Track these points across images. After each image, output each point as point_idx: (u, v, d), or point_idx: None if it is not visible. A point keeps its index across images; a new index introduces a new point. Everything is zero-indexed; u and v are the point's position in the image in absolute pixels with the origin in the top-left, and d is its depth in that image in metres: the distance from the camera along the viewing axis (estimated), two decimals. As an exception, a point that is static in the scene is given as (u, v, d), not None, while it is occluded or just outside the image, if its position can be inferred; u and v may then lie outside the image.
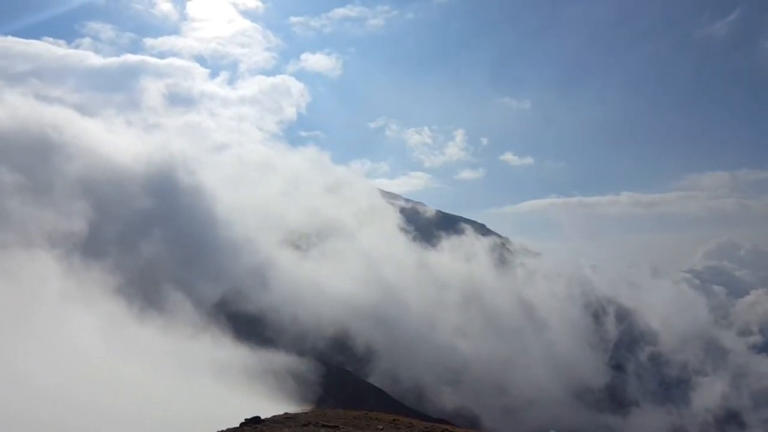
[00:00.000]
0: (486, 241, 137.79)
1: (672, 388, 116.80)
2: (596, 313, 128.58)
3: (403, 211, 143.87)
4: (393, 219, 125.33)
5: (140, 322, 44.65)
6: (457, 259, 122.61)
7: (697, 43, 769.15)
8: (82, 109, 76.14)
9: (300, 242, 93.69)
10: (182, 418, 30.78)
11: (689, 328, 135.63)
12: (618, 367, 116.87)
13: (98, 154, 67.80)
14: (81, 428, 24.99)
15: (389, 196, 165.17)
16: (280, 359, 63.43)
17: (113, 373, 31.75)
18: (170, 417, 30.32)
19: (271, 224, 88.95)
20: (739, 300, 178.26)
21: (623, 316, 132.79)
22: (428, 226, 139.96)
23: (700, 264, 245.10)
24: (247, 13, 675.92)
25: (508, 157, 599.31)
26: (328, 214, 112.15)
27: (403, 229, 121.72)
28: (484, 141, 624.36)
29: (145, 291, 51.12)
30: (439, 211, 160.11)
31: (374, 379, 73.17)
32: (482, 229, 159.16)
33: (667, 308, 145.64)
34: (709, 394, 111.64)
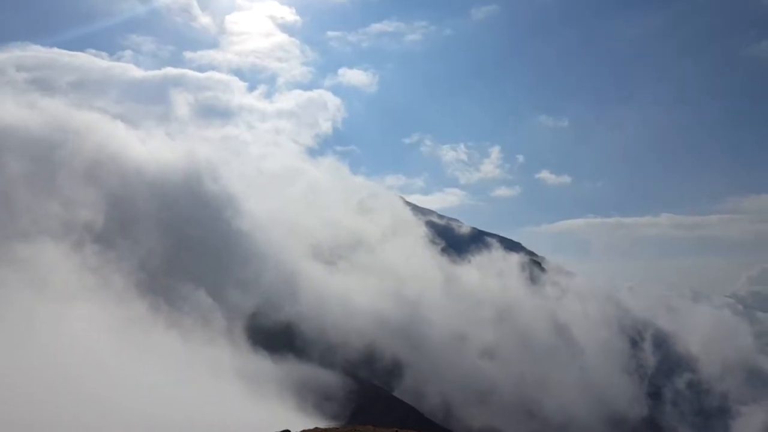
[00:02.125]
0: (520, 260, 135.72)
1: (712, 417, 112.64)
2: (633, 336, 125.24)
3: (436, 226, 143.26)
4: (425, 234, 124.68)
5: (162, 325, 44.99)
6: (489, 277, 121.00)
7: (741, 61, 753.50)
8: (124, 120, 78.05)
9: (328, 255, 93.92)
10: (210, 427, 30.83)
11: (731, 355, 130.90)
12: (655, 395, 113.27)
13: (132, 161, 69.33)
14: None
15: (423, 211, 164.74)
16: (309, 371, 63.27)
17: (131, 375, 31.87)
18: (197, 424, 30.32)
19: (300, 236, 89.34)
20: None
21: (661, 340, 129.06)
22: (462, 243, 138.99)
23: (744, 289, 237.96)
24: (285, 27, 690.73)
25: (545, 175, 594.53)
26: (359, 227, 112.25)
27: (435, 245, 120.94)
28: (520, 158, 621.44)
29: (167, 294, 51.62)
30: (474, 228, 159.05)
31: (401, 394, 72.38)
32: (517, 248, 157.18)
33: (708, 334, 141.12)
34: (751, 424, 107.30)
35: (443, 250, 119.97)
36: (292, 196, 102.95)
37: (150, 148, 74.14)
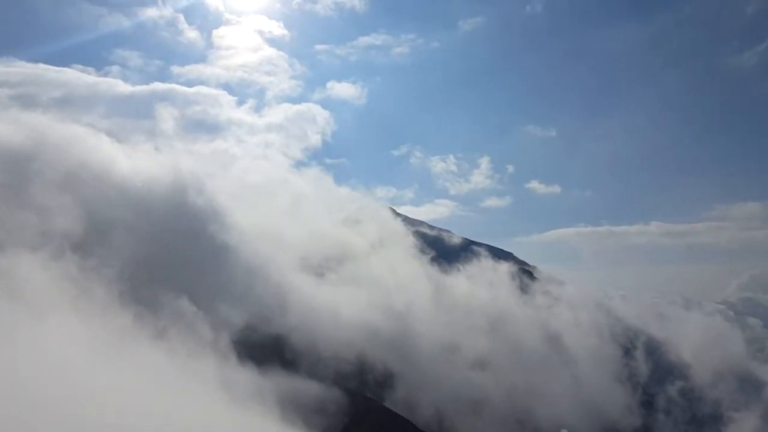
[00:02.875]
0: (511, 269, 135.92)
1: (705, 425, 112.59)
2: (625, 345, 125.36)
3: (426, 237, 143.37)
4: (415, 245, 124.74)
5: (146, 338, 44.48)
6: (480, 287, 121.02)
7: (726, 71, 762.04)
8: (111, 135, 77.92)
9: (317, 267, 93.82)
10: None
11: (723, 362, 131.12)
12: (647, 403, 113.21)
13: (116, 173, 69.18)
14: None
15: (413, 222, 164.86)
16: (298, 384, 62.80)
17: (113, 389, 31.36)
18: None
19: (288, 248, 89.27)
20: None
21: (653, 348, 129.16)
22: (452, 253, 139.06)
23: (734, 296, 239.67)
24: (273, 41, 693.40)
25: (535, 185, 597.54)
26: (347, 239, 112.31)
27: (425, 256, 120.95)
28: (510, 169, 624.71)
29: (152, 305, 51.14)
30: (465, 239, 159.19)
31: (393, 406, 71.95)
32: (508, 257, 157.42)
33: (700, 341, 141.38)
34: (742, 430, 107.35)
35: (434, 261, 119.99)
36: (280, 209, 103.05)
37: (136, 161, 74.00)
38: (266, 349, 68.51)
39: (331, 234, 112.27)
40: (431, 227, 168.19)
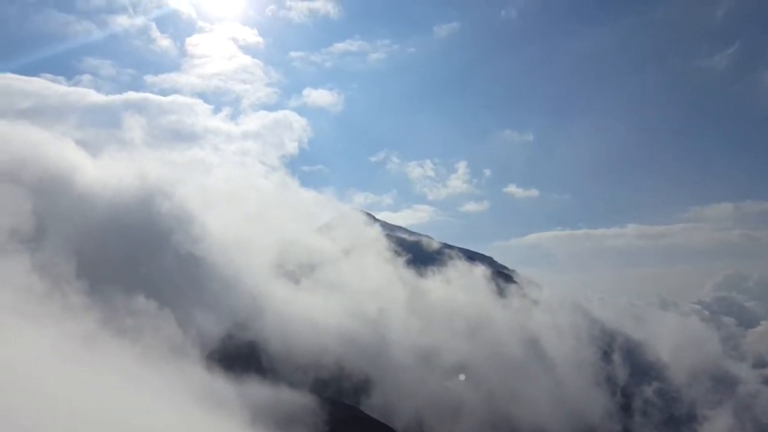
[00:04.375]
0: (491, 274, 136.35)
1: (681, 425, 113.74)
2: (603, 347, 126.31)
3: (405, 243, 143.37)
4: (393, 250, 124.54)
5: (113, 344, 43.58)
6: (459, 291, 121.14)
7: (698, 74, 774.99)
8: (84, 146, 76.75)
9: (292, 273, 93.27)
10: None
11: (699, 361, 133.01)
12: (626, 406, 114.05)
13: (84, 179, 68.26)
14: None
15: (392, 228, 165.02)
16: (275, 393, 62.09)
17: (78, 397, 30.55)
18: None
19: (262, 255, 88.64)
20: (750, 331, 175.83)
21: (631, 349, 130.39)
22: (431, 258, 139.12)
23: (709, 296, 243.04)
24: (247, 49, 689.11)
25: (512, 189, 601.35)
26: (324, 245, 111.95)
27: (404, 261, 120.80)
28: (487, 173, 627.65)
29: (120, 310, 50.29)
30: (444, 243, 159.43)
31: (371, 412, 71.45)
32: (487, 261, 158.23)
33: (676, 341, 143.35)
34: (717, 427, 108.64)
35: (411, 266, 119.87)
36: (255, 216, 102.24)
37: (108, 170, 73.09)
38: (242, 356, 67.70)
39: (307, 240, 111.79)
40: (410, 233, 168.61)
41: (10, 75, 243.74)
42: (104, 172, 71.67)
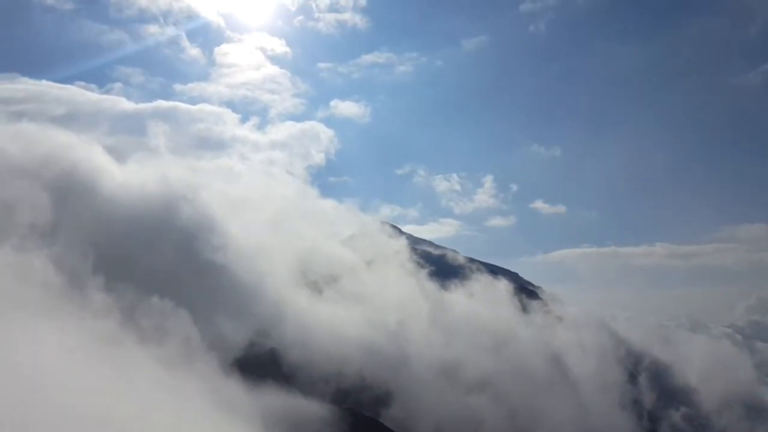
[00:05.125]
0: (516, 290, 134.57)
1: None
2: (630, 368, 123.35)
3: (430, 256, 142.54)
4: (417, 263, 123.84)
5: (133, 348, 43.90)
6: (484, 307, 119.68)
7: (731, 91, 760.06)
8: (114, 152, 78.25)
9: (316, 283, 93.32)
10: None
11: (731, 387, 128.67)
12: (651, 430, 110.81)
13: (112, 184, 69.46)
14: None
15: (418, 241, 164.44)
16: (295, 402, 62.02)
17: (97, 400, 30.72)
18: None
19: (287, 264, 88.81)
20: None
21: (658, 372, 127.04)
22: (457, 272, 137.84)
23: (742, 319, 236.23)
24: (275, 59, 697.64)
25: (539, 204, 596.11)
26: (348, 256, 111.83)
27: (429, 274, 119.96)
28: (514, 188, 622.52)
29: (142, 315, 50.71)
30: (469, 258, 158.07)
31: (391, 425, 70.76)
32: (513, 277, 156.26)
33: (707, 365, 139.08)
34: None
35: (436, 279, 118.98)
36: (281, 225, 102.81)
37: (132, 175, 74.36)
38: (262, 363, 67.84)
39: (331, 250, 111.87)
40: (436, 246, 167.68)
41: (45, 82, 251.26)
42: (129, 177, 73.01)
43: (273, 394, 60.40)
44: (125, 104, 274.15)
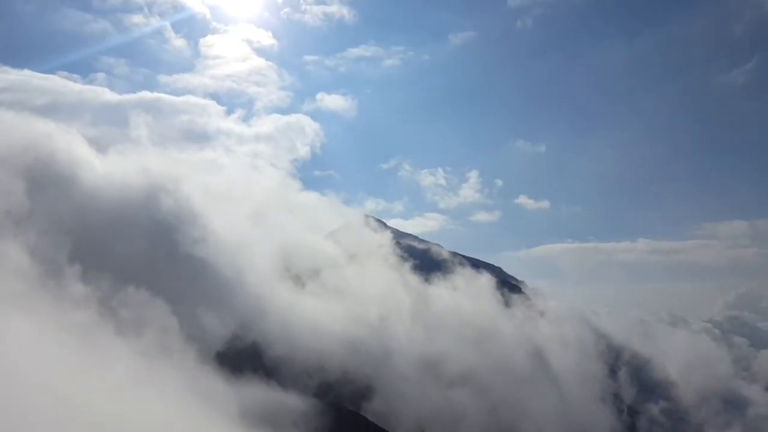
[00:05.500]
0: (499, 284, 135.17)
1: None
2: (609, 361, 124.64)
3: (415, 250, 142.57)
4: (401, 257, 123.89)
5: (112, 339, 43.49)
6: (467, 301, 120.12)
7: (714, 89, 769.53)
8: (96, 143, 77.24)
9: (298, 277, 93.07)
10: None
11: (709, 381, 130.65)
12: (630, 423, 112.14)
13: (92, 174, 68.69)
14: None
15: (402, 235, 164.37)
16: (278, 395, 61.90)
17: (76, 390, 30.35)
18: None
19: (268, 258, 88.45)
20: (762, 352, 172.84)
21: (638, 366, 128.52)
22: (441, 266, 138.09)
23: (721, 314, 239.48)
24: (261, 51, 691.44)
25: (523, 200, 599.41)
26: (331, 250, 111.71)
27: (412, 268, 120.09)
28: (499, 183, 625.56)
29: (121, 306, 50.22)
30: (454, 252, 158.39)
31: (374, 419, 70.92)
32: (497, 272, 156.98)
33: (686, 359, 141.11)
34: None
35: (419, 273, 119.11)
36: (261, 218, 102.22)
37: (113, 167, 73.54)
38: (244, 357, 67.56)
39: (314, 244, 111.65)
40: (420, 240, 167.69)
41: (27, 72, 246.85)
42: (110, 167, 72.22)
43: (253, 386, 60.21)
44: (108, 95, 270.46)
